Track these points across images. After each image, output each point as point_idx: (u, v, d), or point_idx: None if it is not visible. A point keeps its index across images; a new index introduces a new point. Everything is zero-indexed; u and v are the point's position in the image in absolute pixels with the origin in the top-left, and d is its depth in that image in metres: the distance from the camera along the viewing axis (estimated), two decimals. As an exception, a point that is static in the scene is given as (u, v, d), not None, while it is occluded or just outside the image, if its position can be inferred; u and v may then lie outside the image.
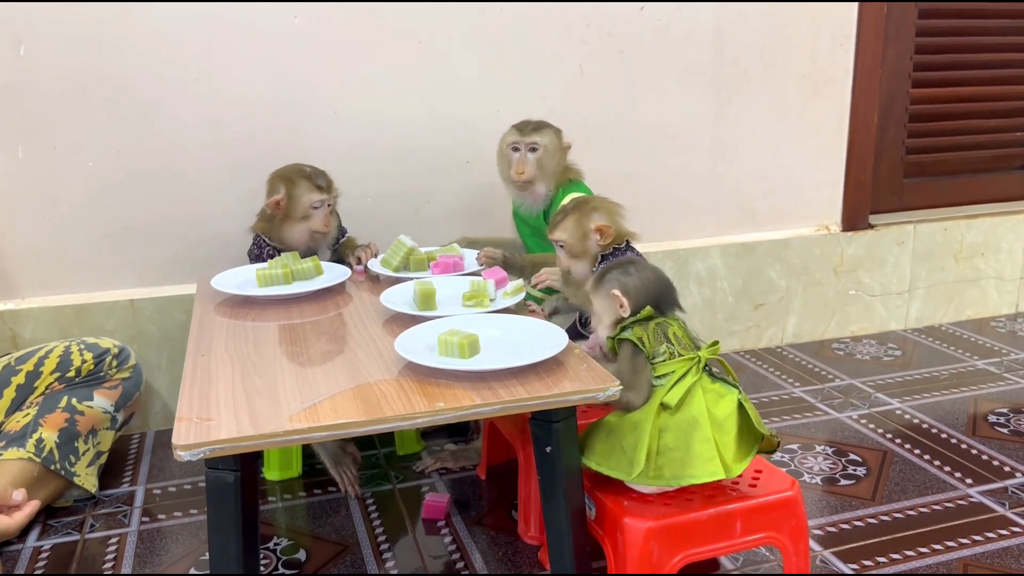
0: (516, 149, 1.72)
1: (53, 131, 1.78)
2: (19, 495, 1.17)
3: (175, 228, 1.89)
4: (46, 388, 1.62)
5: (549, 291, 1.57)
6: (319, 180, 1.69)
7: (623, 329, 1.24)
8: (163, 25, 1.78)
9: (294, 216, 1.68)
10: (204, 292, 1.59)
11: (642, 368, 1.21)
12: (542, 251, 1.74)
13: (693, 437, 1.17)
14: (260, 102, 1.87)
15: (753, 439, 1.23)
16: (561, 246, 1.51)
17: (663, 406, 1.18)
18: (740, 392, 1.23)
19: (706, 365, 1.23)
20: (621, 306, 1.25)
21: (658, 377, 1.21)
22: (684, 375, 1.20)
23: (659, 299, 1.26)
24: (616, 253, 1.48)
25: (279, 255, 1.65)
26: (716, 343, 1.24)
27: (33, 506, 1.20)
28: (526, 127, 1.73)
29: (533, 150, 1.71)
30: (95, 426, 1.62)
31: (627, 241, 1.52)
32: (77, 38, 1.75)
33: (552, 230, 1.51)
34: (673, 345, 1.22)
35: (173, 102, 1.83)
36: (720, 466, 1.16)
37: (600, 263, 1.48)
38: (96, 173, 1.82)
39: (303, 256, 1.64)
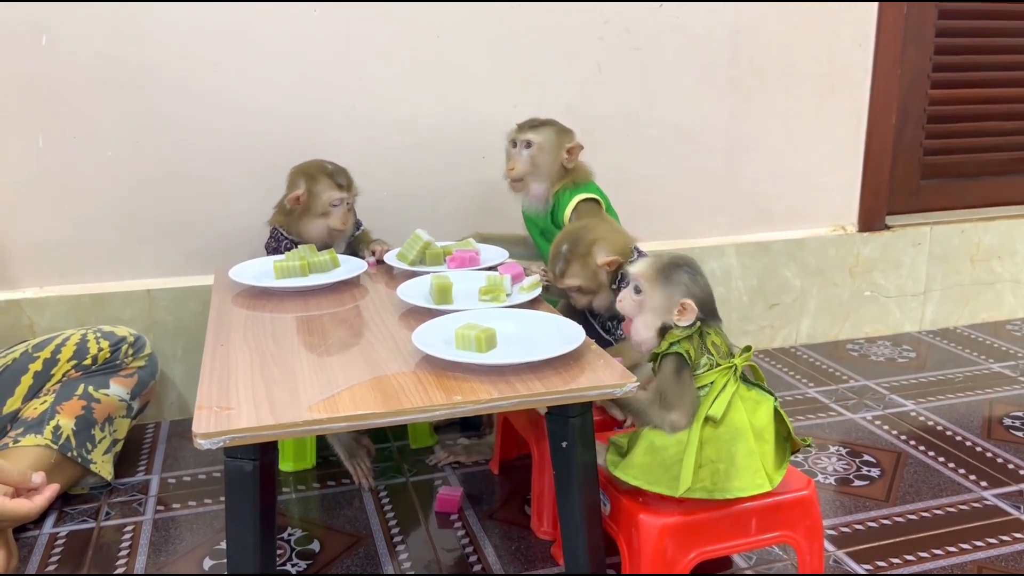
0: (514, 145, 1.72)
1: (73, 121, 1.79)
2: (38, 478, 1.17)
3: (192, 219, 1.90)
4: (63, 376, 1.63)
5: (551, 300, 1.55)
6: (340, 178, 1.69)
7: (671, 344, 1.18)
8: (182, 18, 1.79)
9: (313, 212, 1.69)
10: (221, 283, 1.59)
11: (688, 385, 1.17)
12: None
13: (737, 449, 1.16)
14: (278, 95, 1.88)
15: (785, 445, 1.21)
16: (577, 290, 1.46)
17: (708, 419, 1.15)
18: (776, 399, 1.21)
19: (740, 372, 1.20)
20: (680, 314, 1.18)
21: (699, 388, 1.18)
22: (724, 385, 1.17)
23: (712, 309, 1.21)
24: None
25: (296, 248, 1.65)
26: (749, 348, 1.21)
27: (53, 490, 1.20)
28: (525, 124, 1.71)
29: (527, 147, 1.70)
30: (111, 414, 1.63)
31: (634, 248, 1.50)
32: (98, 29, 1.76)
33: (561, 280, 1.46)
34: (713, 355, 1.19)
35: (191, 94, 1.83)
36: (765, 478, 1.15)
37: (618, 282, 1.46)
38: (114, 163, 1.83)
39: (318, 251, 1.64)
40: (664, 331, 1.20)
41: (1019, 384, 2.10)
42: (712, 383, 1.18)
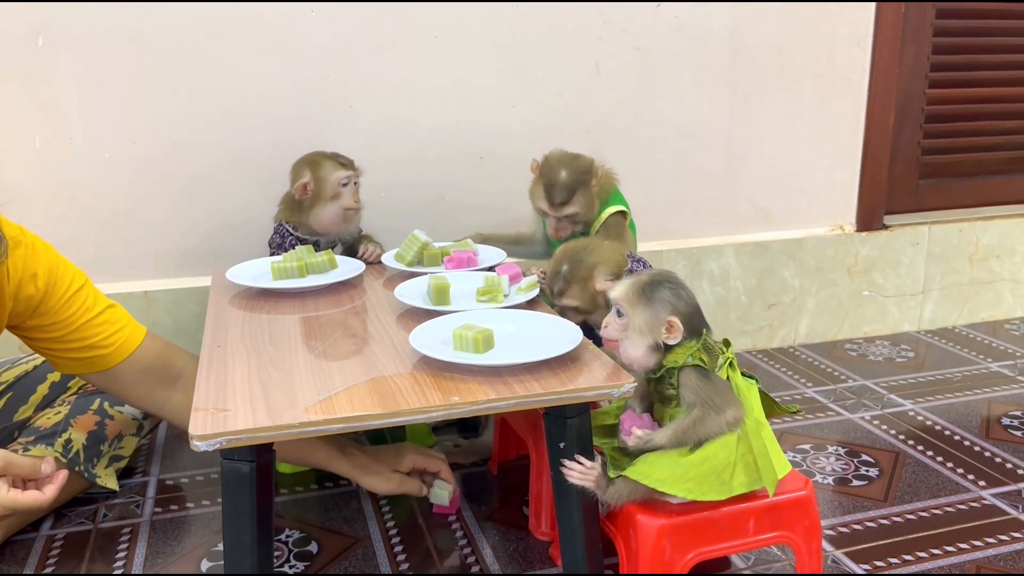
0: (546, 215, 1.69)
1: (70, 122, 1.79)
2: (48, 467, 1.15)
3: (190, 220, 1.90)
4: (79, 388, 1.62)
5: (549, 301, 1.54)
6: (341, 158, 1.72)
7: (686, 356, 1.15)
8: (180, 18, 1.79)
9: (324, 197, 1.69)
10: (219, 284, 1.59)
11: (723, 383, 1.16)
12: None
13: (765, 436, 1.17)
14: (276, 96, 1.88)
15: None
16: (574, 310, 1.44)
17: None
18: (757, 380, 1.24)
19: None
20: (668, 332, 1.15)
21: None
22: (736, 383, 1.18)
23: (699, 321, 1.18)
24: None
25: (298, 247, 1.65)
26: (728, 342, 1.22)
27: (63, 476, 1.18)
28: (554, 198, 1.63)
29: (568, 217, 1.66)
30: (122, 431, 1.62)
31: (629, 256, 1.50)
32: (95, 30, 1.75)
33: (559, 298, 1.44)
34: (717, 356, 1.18)
35: (189, 95, 1.83)
36: (786, 459, 1.20)
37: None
38: (112, 164, 1.83)
39: (331, 243, 1.69)
40: (656, 348, 1.15)
41: (1018, 384, 2.10)
42: (727, 379, 1.18)
